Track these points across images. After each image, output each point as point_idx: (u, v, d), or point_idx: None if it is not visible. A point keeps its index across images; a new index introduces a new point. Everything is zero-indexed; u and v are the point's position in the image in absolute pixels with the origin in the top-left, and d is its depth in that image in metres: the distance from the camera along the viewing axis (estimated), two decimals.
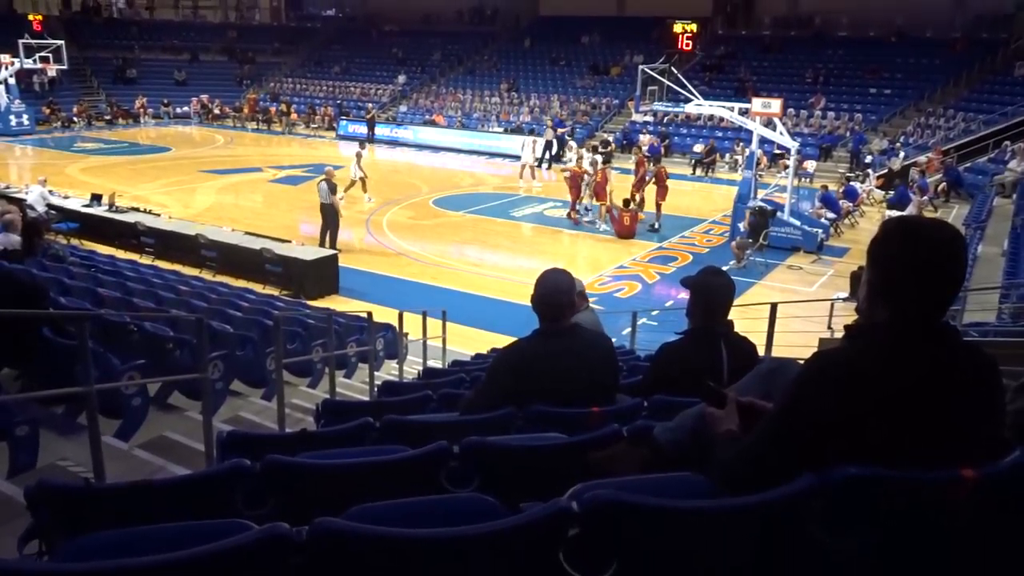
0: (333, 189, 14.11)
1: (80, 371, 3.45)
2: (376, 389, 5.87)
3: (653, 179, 16.42)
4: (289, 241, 13.45)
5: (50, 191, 15.35)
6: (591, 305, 4.34)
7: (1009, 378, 2.02)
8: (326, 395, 6.03)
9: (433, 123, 30.78)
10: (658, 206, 16.23)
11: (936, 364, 1.70)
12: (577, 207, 16.54)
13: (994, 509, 1.64)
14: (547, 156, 24.17)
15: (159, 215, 15.04)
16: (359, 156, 18.44)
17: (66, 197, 15.66)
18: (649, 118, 26.57)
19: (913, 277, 1.71)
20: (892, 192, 18.89)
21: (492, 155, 26.41)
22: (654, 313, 10.82)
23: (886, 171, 21.24)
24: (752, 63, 30.11)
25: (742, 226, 14.65)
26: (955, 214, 17.69)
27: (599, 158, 18.60)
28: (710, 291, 3.12)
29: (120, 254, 12.63)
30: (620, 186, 17.85)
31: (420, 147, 28.84)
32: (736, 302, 3.25)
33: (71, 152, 25.37)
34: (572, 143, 21.99)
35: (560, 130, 26.19)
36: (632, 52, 32.01)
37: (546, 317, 3.00)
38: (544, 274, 3.03)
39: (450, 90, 33.92)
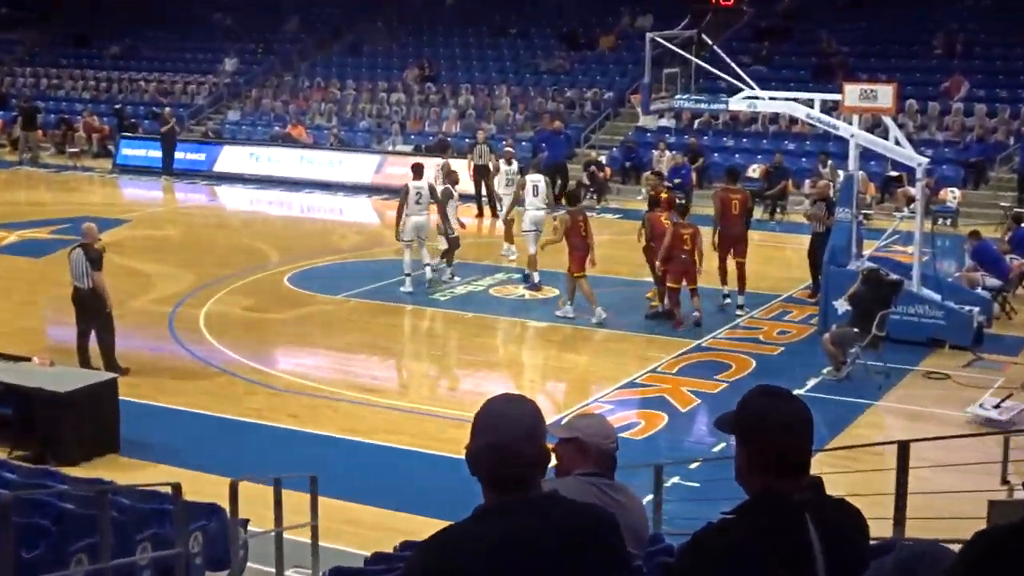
0: (96, 262, 14.01)
1: None
2: None
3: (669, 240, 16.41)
4: (27, 359, 13.19)
5: None
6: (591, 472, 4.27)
7: None
8: None
9: (288, 139, 30.91)
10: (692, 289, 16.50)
11: None
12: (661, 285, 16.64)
13: None
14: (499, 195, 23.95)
15: None
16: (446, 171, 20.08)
17: None
18: (667, 122, 26.75)
19: None
20: None
21: (393, 193, 25.97)
22: (693, 466, 10.91)
23: None
24: (838, 26, 31.06)
25: (840, 305, 14.88)
26: None
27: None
28: (769, 431, 3.16)
29: None
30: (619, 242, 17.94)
31: (265, 182, 29.09)
32: (831, 443, 3.30)
33: None
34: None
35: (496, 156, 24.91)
36: (633, 11, 32.95)
37: (495, 484, 3.00)
38: (488, 406, 3.05)
39: (317, 83, 34.05)
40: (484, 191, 25.35)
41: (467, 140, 28.65)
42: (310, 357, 15.49)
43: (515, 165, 22.54)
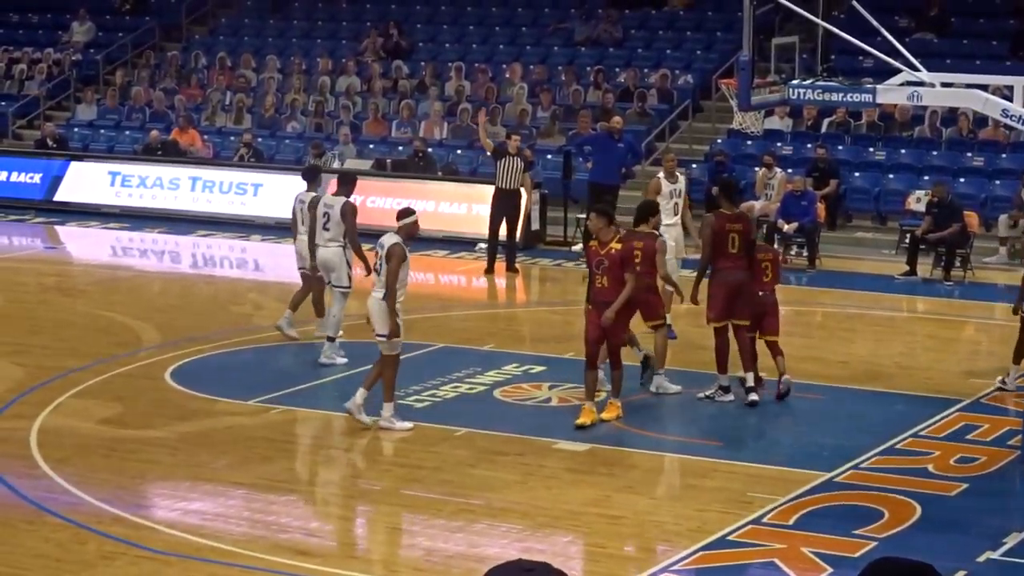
0: None
1: None
2: None
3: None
4: None
5: None
6: None
7: None
8: None
9: (174, 149, 26.58)
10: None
11: None
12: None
13: None
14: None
15: None
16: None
17: None
18: (780, 123, 24.34)
19: None
20: None
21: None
22: None
23: None
24: None
25: None
26: None
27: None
28: None
29: None
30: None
31: (137, 219, 25.62)
32: None
33: None
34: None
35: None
36: None
37: None
38: None
39: (219, 59, 29.21)
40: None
41: (458, 151, 24.86)
42: (207, 499, 12.74)
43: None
